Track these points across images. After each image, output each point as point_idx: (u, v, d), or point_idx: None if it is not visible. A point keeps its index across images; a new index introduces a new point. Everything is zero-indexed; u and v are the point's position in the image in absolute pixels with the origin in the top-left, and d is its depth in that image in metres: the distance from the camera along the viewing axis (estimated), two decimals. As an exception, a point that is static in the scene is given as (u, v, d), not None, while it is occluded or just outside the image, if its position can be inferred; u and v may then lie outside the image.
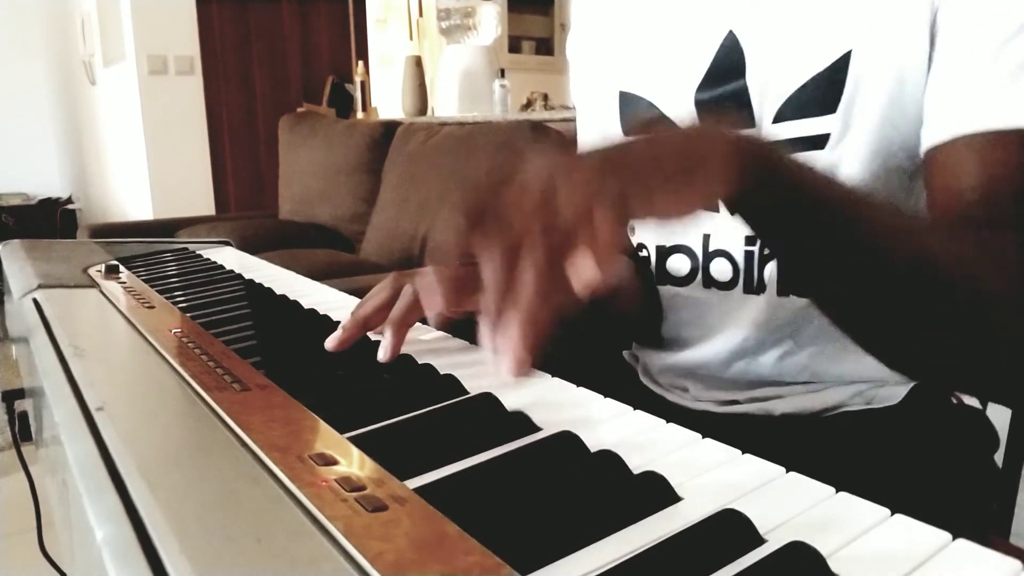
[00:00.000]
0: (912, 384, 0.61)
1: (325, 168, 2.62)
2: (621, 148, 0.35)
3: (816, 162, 0.43)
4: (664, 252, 0.67)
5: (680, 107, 0.62)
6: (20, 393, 0.60)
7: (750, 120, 0.58)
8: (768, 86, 0.57)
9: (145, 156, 3.42)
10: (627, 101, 0.66)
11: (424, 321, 0.51)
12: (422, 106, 2.92)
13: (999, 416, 0.73)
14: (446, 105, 2.90)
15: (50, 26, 4.35)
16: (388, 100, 3.93)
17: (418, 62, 2.94)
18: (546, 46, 4.82)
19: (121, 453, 0.29)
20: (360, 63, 3.51)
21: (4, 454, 1.88)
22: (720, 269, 0.63)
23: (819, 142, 0.55)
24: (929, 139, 0.51)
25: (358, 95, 3.35)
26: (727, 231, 0.62)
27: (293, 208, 2.77)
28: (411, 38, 4.24)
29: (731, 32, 0.58)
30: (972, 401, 0.66)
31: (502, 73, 2.83)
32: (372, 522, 0.24)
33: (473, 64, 2.86)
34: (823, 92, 0.54)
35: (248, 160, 3.63)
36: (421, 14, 4.21)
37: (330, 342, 0.48)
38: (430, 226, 2.05)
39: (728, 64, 0.59)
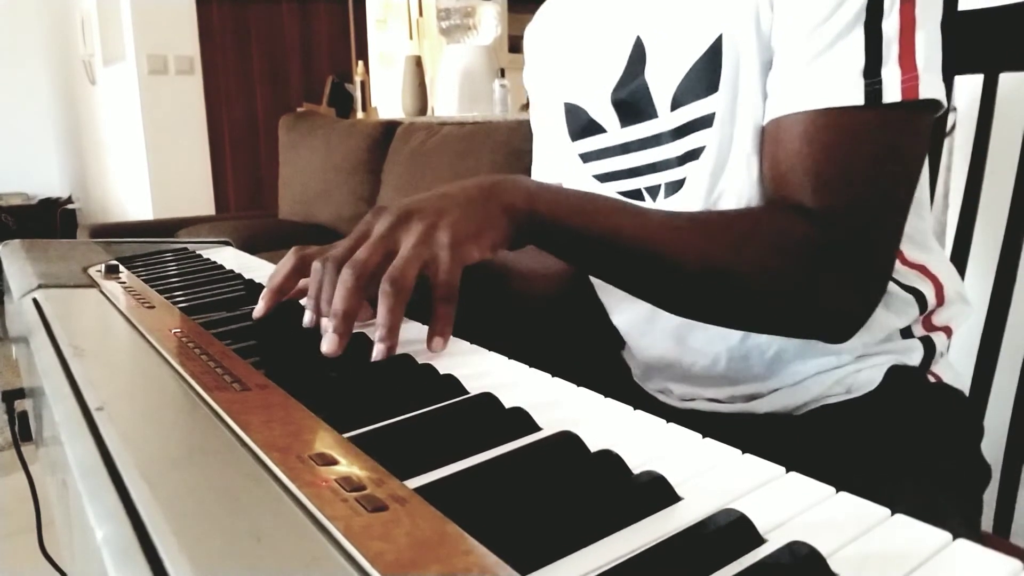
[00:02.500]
0: (888, 366, 0.62)
1: (325, 168, 2.62)
2: (436, 210, 0.47)
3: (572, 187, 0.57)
4: None
5: (602, 108, 0.69)
6: (20, 393, 0.60)
7: (653, 111, 0.64)
8: (662, 77, 0.62)
9: (145, 156, 3.42)
10: (569, 111, 0.73)
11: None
12: (422, 106, 2.92)
13: (999, 416, 0.74)
14: (446, 105, 2.90)
15: (50, 26, 4.35)
16: (388, 100, 3.94)
17: (418, 62, 2.94)
18: (546, 46, 4.81)
19: (121, 453, 0.29)
20: (360, 63, 3.51)
21: (4, 454, 1.89)
22: None
23: (708, 122, 0.60)
24: (765, 117, 0.57)
25: (358, 95, 3.35)
26: None
27: (293, 208, 2.77)
28: (411, 38, 4.24)
29: (638, 37, 0.64)
30: (953, 380, 0.67)
31: (502, 73, 2.83)
32: (372, 522, 0.24)
33: (473, 64, 2.86)
34: (705, 75, 0.59)
35: (248, 160, 3.63)
36: (421, 14, 4.21)
37: (256, 312, 0.54)
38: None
39: (635, 65, 0.65)
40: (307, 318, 0.49)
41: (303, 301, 0.50)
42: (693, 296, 0.54)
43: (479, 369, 0.44)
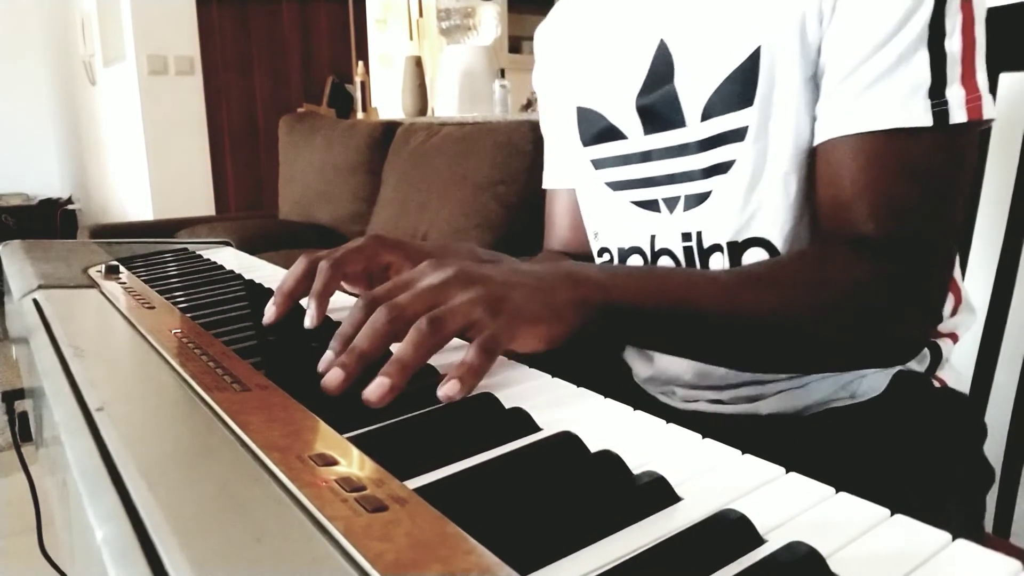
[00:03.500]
0: (894, 372, 0.62)
1: (325, 168, 2.62)
2: (502, 283, 0.42)
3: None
4: (624, 254, 0.71)
5: (624, 114, 0.67)
6: (20, 393, 0.60)
7: (681, 120, 0.62)
8: (693, 87, 0.61)
9: (145, 156, 3.42)
10: (583, 115, 0.71)
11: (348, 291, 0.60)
12: (422, 106, 2.92)
13: (999, 416, 0.74)
14: (446, 105, 2.90)
15: (50, 26, 4.35)
16: (388, 100, 3.93)
17: (418, 62, 2.94)
18: (546, 46, 4.81)
19: (121, 453, 0.29)
20: (360, 63, 3.51)
21: (4, 454, 1.88)
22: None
23: (740, 135, 0.58)
24: (817, 137, 0.56)
25: (358, 95, 3.35)
26: (668, 230, 0.66)
27: (293, 208, 2.77)
28: (411, 38, 4.24)
29: (662, 41, 0.62)
30: (957, 385, 0.67)
31: (502, 73, 2.83)
32: (372, 522, 0.24)
33: (473, 64, 2.86)
34: (740, 87, 0.57)
35: (248, 160, 3.63)
36: (421, 14, 4.21)
37: (267, 318, 0.52)
38: (430, 226, 2.05)
39: (661, 70, 0.63)
40: (327, 355, 0.42)
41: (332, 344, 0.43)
42: (770, 352, 0.53)
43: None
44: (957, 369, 0.69)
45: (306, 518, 0.25)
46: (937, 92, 0.50)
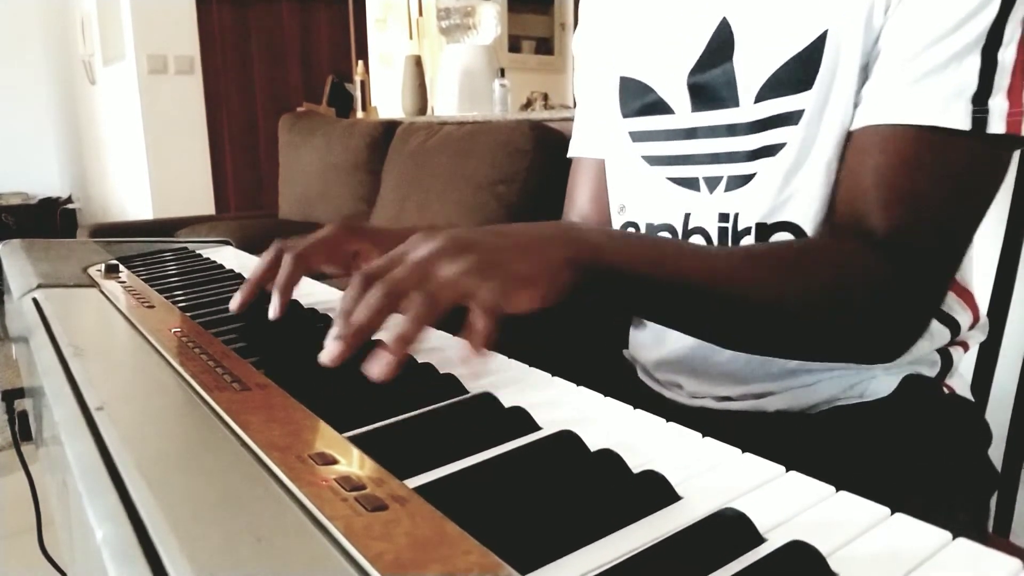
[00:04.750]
0: (904, 374, 0.61)
1: (325, 168, 2.62)
2: (492, 248, 0.42)
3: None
4: (654, 230, 0.70)
5: (674, 89, 0.66)
6: (20, 393, 0.60)
7: (735, 99, 0.61)
8: (752, 67, 0.60)
9: (145, 156, 3.42)
10: (626, 86, 0.70)
11: (317, 277, 0.62)
12: (422, 106, 2.92)
13: (999, 415, 0.74)
14: (446, 105, 2.90)
15: (50, 26, 4.35)
16: (388, 100, 3.93)
17: (418, 62, 2.93)
18: (546, 46, 4.81)
19: (121, 453, 0.29)
20: (360, 63, 3.50)
21: (4, 454, 1.88)
22: None
23: (794, 119, 0.58)
24: (854, 123, 0.55)
25: (358, 95, 3.35)
26: (705, 210, 0.65)
27: (293, 208, 2.77)
28: (411, 38, 4.24)
29: (724, 19, 0.62)
30: (964, 392, 0.67)
31: (502, 73, 2.83)
32: (372, 522, 0.24)
33: (473, 64, 2.86)
34: (802, 71, 0.57)
35: (248, 160, 3.63)
36: (421, 14, 4.21)
37: (232, 304, 0.55)
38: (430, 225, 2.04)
39: (719, 48, 0.62)
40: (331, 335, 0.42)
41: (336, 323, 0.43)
42: (761, 333, 0.53)
43: (479, 368, 0.44)
44: (965, 377, 0.69)
45: (306, 517, 0.25)
46: (981, 99, 0.50)
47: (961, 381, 0.67)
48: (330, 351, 0.40)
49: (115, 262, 0.72)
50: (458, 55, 2.89)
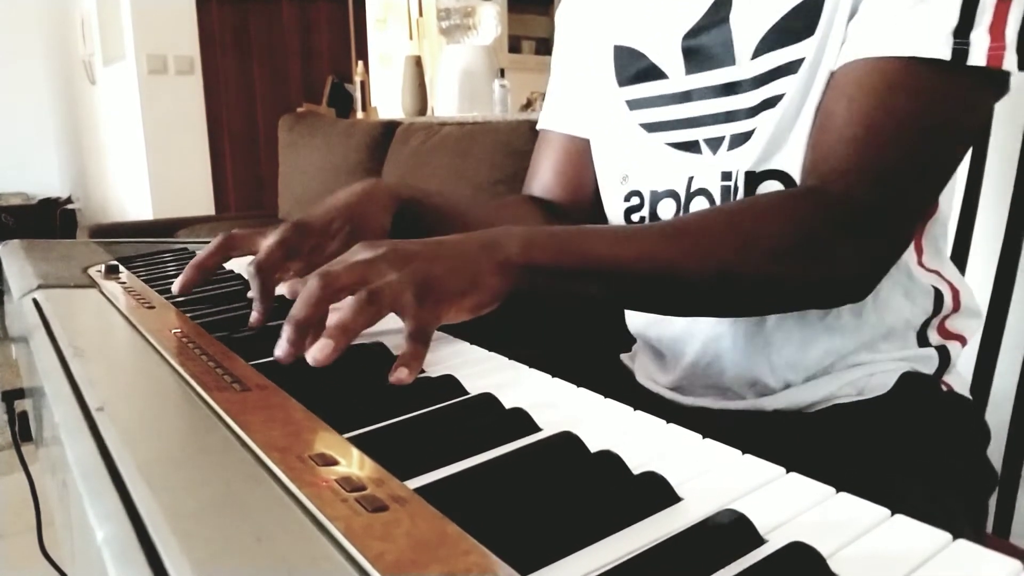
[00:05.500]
0: (902, 371, 0.61)
1: (325, 168, 2.62)
2: (427, 261, 0.45)
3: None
4: (657, 197, 0.69)
5: (667, 53, 0.65)
6: (20, 393, 0.60)
7: (731, 58, 0.61)
8: (750, 23, 0.59)
9: (145, 156, 3.42)
10: (620, 54, 0.70)
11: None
12: (422, 106, 2.92)
13: (999, 415, 0.74)
14: (446, 105, 2.89)
15: (50, 26, 4.35)
16: (388, 100, 3.93)
17: (418, 62, 2.93)
18: (546, 46, 4.81)
19: (121, 453, 0.29)
20: (360, 63, 3.50)
21: (4, 454, 1.88)
22: (699, 207, 0.65)
23: (794, 68, 0.57)
24: (838, 60, 0.55)
25: (358, 95, 3.35)
26: (708, 171, 0.64)
27: (293, 208, 2.77)
28: (411, 38, 4.24)
29: None
30: (962, 390, 0.67)
31: (502, 73, 2.83)
32: (372, 522, 0.24)
33: (473, 64, 2.86)
34: (804, 19, 0.56)
35: (248, 160, 3.63)
36: (421, 14, 4.21)
37: (175, 287, 0.58)
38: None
39: (717, 11, 0.61)
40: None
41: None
42: (703, 300, 0.54)
43: (479, 369, 0.44)
44: (964, 376, 0.69)
45: (306, 518, 0.25)
46: (962, 32, 0.50)
47: (960, 379, 0.67)
48: (279, 351, 0.42)
49: (115, 263, 0.72)
50: (458, 55, 2.89)
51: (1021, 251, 0.73)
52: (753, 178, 0.60)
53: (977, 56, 0.50)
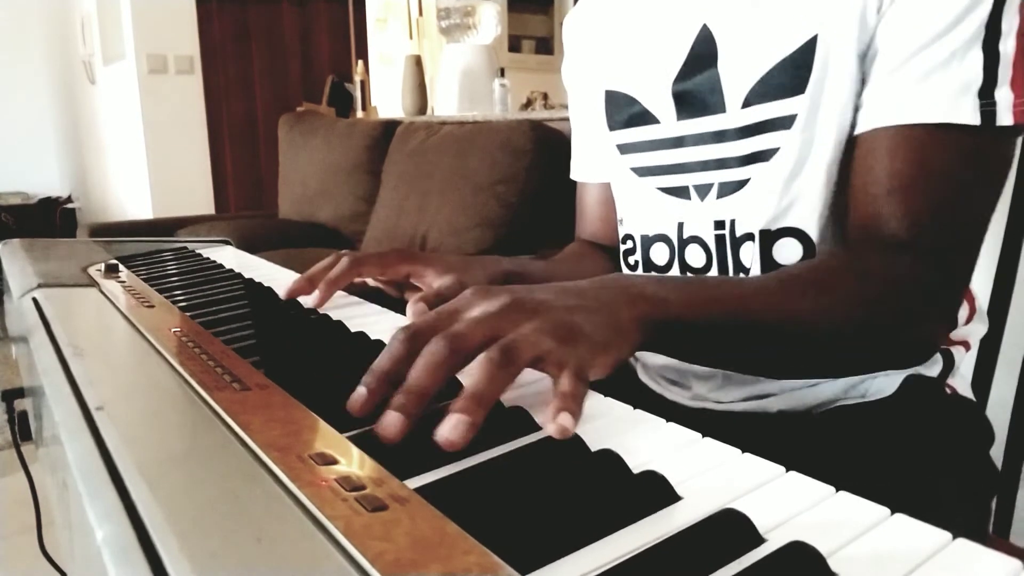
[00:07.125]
0: (905, 374, 0.62)
1: (325, 167, 2.62)
2: (563, 310, 0.39)
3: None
4: (648, 241, 0.70)
5: (659, 99, 0.66)
6: (20, 392, 0.60)
7: (721, 106, 0.61)
8: (738, 73, 0.60)
9: (145, 155, 3.42)
10: (612, 99, 0.70)
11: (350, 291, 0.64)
12: (422, 105, 2.92)
13: (999, 415, 0.74)
14: (446, 104, 2.89)
15: (50, 26, 4.35)
16: (388, 99, 3.93)
17: (418, 61, 2.93)
18: (546, 45, 4.81)
19: (121, 453, 0.29)
20: (360, 62, 3.50)
21: (4, 454, 1.88)
22: (695, 255, 0.66)
23: (787, 123, 0.58)
24: (860, 126, 0.55)
25: (358, 94, 3.35)
26: (698, 218, 0.65)
27: (293, 208, 2.77)
28: (411, 37, 4.23)
29: (705, 25, 0.62)
30: (965, 392, 0.67)
31: (502, 72, 2.83)
32: (372, 522, 0.24)
33: (473, 63, 2.86)
34: (791, 75, 0.57)
35: (248, 160, 3.63)
36: (421, 13, 4.21)
37: (283, 292, 0.60)
38: (430, 225, 2.04)
39: (702, 55, 0.62)
40: (359, 391, 0.36)
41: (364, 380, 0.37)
42: (816, 357, 0.52)
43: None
44: (966, 377, 0.69)
45: (306, 517, 0.25)
46: (987, 92, 0.50)
47: (963, 381, 0.67)
48: (392, 425, 0.33)
49: (115, 262, 0.72)
50: (458, 55, 2.89)
51: (1021, 251, 0.73)
52: (768, 236, 0.61)
53: (1004, 116, 0.50)
